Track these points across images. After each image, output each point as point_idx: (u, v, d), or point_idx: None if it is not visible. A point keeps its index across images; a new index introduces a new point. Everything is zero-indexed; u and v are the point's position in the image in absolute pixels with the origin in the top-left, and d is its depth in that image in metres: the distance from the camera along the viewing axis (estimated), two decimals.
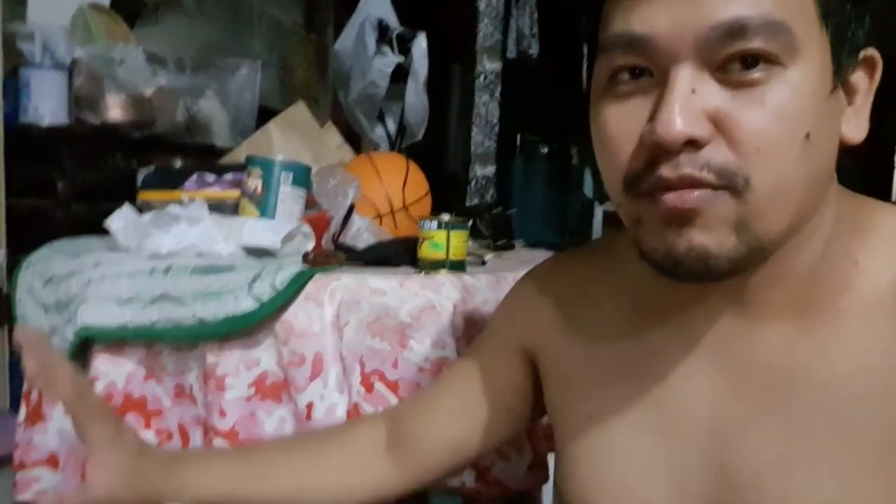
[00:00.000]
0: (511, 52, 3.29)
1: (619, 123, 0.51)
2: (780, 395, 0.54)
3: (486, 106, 2.93)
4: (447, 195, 2.93)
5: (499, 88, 2.98)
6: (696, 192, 0.48)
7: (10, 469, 1.07)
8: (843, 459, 0.51)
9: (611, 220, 3.42)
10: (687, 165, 0.47)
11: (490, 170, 2.94)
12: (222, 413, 0.90)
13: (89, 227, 1.10)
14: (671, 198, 0.48)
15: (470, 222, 1.51)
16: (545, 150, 3.66)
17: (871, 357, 0.51)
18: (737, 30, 0.45)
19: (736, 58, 0.46)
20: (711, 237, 0.48)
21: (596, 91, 0.54)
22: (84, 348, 0.99)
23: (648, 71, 0.50)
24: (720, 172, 0.47)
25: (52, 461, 1.05)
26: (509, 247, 1.45)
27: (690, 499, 0.57)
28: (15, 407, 1.13)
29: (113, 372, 0.97)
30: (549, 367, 0.71)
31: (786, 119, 0.46)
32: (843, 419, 0.51)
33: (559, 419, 0.70)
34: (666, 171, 0.48)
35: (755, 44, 0.46)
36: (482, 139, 2.92)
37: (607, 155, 0.53)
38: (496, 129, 2.97)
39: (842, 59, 0.50)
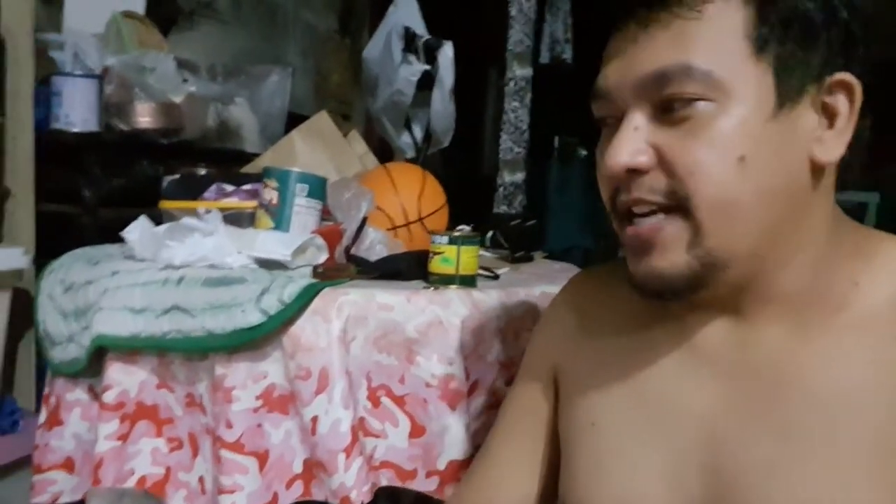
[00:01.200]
0: (544, 58, 3.28)
1: (601, 160, 0.61)
2: (771, 400, 0.57)
3: (516, 112, 2.91)
4: (480, 200, 2.92)
5: (529, 95, 2.95)
6: (651, 220, 0.57)
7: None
8: (828, 465, 0.53)
9: None
10: (636, 190, 0.57)
11: (519, 177, 2.91)
12: (229, 424, 0.91)
13: (116, 233, 1.12)
14: (632, 229, 0.58)
15: (490, 233, 1.51)
16: (584, 152, 3.64)
17: (864, 369, 0.54)
18: (659, 78, 0.55)
19: (671, 100, 0.55)
20: (666, 260, 0.57)
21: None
22: (99, 356, 1.01)
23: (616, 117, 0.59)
24: (666, 194, 0.56)
25: (68, 464, 1.07)
26: (528, 259, 1.44)
27: (686, 502, 0.60)
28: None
29: (126, 380, 0.99)
30: (564, 379, 0.74)
31: (715, 145, 0.54)
32: (831, 426, 0.54)
33: (565, 429, 0.72)
34: (623, 196, 0.59)
35: (677, 88, 0.54)
36: (511, 146, 2.90)
37: (600, 187, 0.62)
38: (525, 135, 2.95)
39: (789, 86, 0.54)
